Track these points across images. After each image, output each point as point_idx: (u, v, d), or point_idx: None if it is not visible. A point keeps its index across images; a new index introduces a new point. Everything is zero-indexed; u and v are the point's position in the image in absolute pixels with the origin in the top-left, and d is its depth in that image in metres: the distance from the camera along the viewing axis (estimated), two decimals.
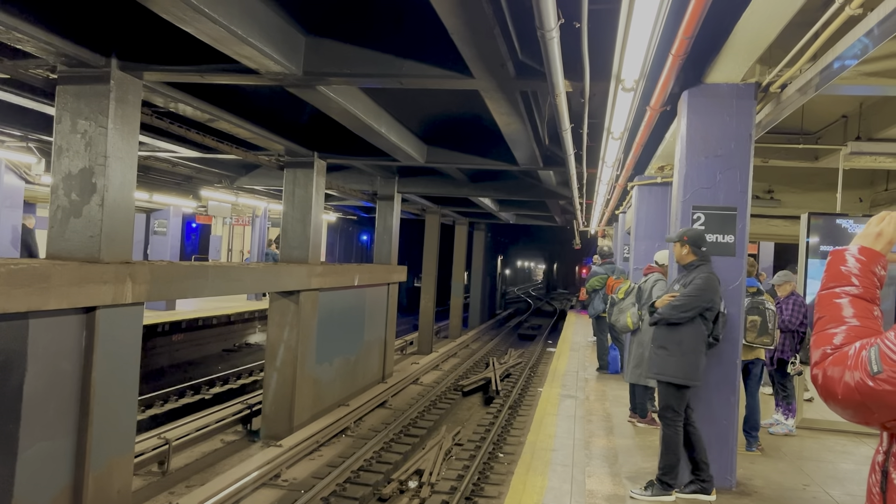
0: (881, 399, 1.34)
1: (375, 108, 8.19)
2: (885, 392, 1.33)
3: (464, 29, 4.71)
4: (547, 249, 59.85)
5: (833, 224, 7.32)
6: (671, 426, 4.99)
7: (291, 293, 10.03)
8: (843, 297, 1.56)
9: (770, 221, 11.88)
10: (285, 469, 8.74)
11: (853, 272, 1.58)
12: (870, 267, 1.59)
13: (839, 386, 1.41)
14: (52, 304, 5.22)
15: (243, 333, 17.99)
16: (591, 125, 7.12)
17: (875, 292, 1.57)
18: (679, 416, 4.98)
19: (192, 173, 14.50)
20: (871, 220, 1.68)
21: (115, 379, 6.06)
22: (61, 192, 6.03)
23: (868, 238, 1.64)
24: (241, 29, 4.89)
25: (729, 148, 5.31)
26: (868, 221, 1.69)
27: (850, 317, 1.52)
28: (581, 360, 11.70)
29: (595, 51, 4.78)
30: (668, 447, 5.00)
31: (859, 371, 1.37)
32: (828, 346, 1.49)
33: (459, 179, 14.35)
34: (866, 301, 1.55)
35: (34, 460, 5.30)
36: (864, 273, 1.58)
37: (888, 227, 1.63)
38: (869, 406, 1.37)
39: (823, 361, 1.48)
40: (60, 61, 5.86)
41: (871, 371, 1.35)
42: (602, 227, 18.73)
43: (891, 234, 1.62)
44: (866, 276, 1.58)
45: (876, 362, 1.35)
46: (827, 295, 1.59)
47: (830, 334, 1.51)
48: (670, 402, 5.00)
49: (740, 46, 4.63)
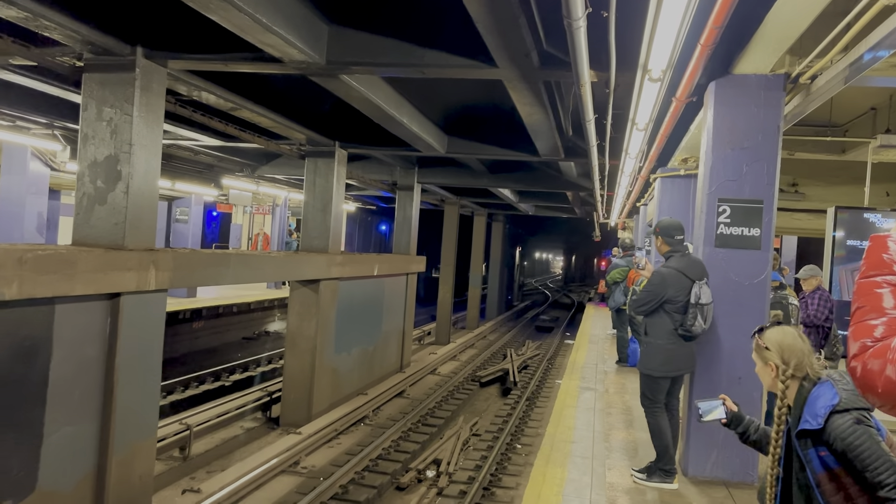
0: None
1: (397, 97, 8.17)
2: None
3: (488, 18, 4.67)
4: (565, 241, 59.60)
5: (860, 218, 7.19)
6: (649, 413, 5.23)
7: (312, 282, 10.07)
8: (884, 286, 1.49)
9: (794, 215, 11.73)
10: (304, 456, 8.81)
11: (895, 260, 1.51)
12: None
13: (879, 379, 1.36)
14: (78, 290, 5.27)
15: (263, 321, 18.12)
16: (615, 116, 7.04)
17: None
18: (654, 403, 5.19)
19: (214, 162, 14.58)
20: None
21: (139, 365, 6.12)
22: (87, 179, 6.09)
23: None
24: (265, 17, 4.89)
25: (756, 140, 5.23)
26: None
27: (891, 308, 1.46)
28: (600, 353, 11.65)
29: (622, 40, 4.71)
30: (653, 433, 5.22)
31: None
32: (868, 338, 1.43)
33: (479, 170, 14.31)
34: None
35: (59, 445, 5.37)
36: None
37: None
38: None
39: (863, 354, 1.42)
40: (87, 49, 5.90)
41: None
42: (622, 219, 18.60)
43: None
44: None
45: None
46: (867, 284, 1.52)
47: (871, 326, 1.45)
48: (644, 391, 5.28)
49: (771, 36, 4.54)
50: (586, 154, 8.66)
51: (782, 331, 2.48)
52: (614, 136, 7.88)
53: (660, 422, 5.13)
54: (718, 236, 5.26)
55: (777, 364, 2.41)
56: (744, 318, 5.16)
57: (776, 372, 2.41)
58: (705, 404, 2.88)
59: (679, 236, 5.21)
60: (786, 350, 2.39)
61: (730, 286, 5.24)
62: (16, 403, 4.98)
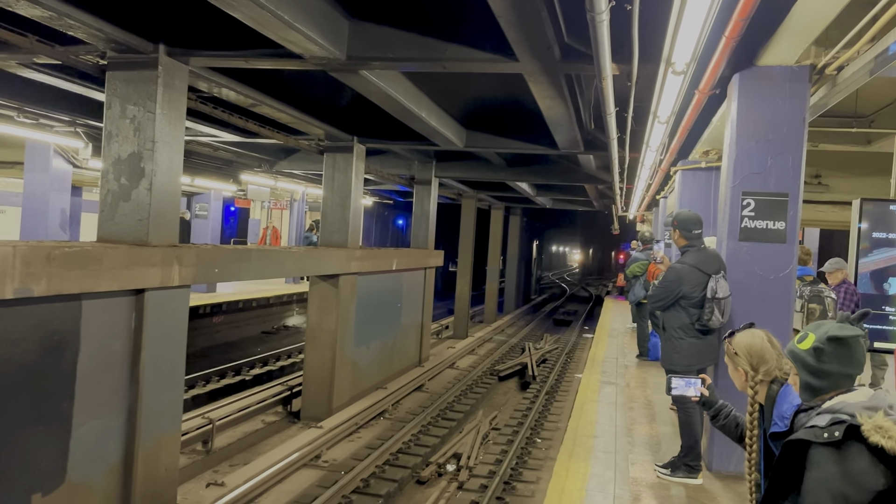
0: None
1: (416, 91, 8.17)
2: None
3: (510, 12, 4.65)
4: (583, 234, 59.41)
5: (886, 210, 7.08)
6: (681, 409, 5.19)
7: (331, 277, 10.11)
8: None
9: (817, 207, 11.61)
10: (325, 450, 8.87)
11: None
12: None
13: None
14: (104, 286, 5.34)
15: (282, 316, 18.23)
16: (636, 108, 7.00)
17: None
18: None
19: (233, 157, 14.67)
20: None
21: (163, 359, 6.19)
22: (111, 176, 6.15)
23: None
24: (287, 14, 4.90)
25: (781, 132, 5.17)
26: None
27: None
28: (620, 347, 11.61)
29: (645, 33, 4.67)
30: (683, 429, 5.19)
31: None
32: None
33: (497, 164, 14.28)
34: None
35: (87, 437, 5.45)
36: None
37: None
38: None
39: None
40: (110, 47, 5.95)
41: None
42: (641, 212, 18.49)
43: None
44: None
45: None
46: None
47: None
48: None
49: (797, 27, 4.49)
50: (606, 147, 8.61)
51: (752, 335, 2.48)
52: (635, 128, 7.83)
53: (691, 416, 5.10)
54: (743, 230, 5.22)
55: (746, 370, 2.42)
56: (768, 313, 5.12)
57: (745, 377, 2.42)
58: (678, 380, 2.89)
59: (697, 231, 5.19)
60: (754, 355, 2.39)
61: (754, 280, 5.20)
62: (45, 396, 5.05)
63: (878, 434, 1.75)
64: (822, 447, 1.84)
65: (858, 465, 1.76)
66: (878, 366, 8.40)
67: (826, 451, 1.83)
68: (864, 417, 1.80)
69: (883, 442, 1.73)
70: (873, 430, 1.76)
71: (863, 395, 1.95)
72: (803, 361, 2.07)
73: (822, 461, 1.82)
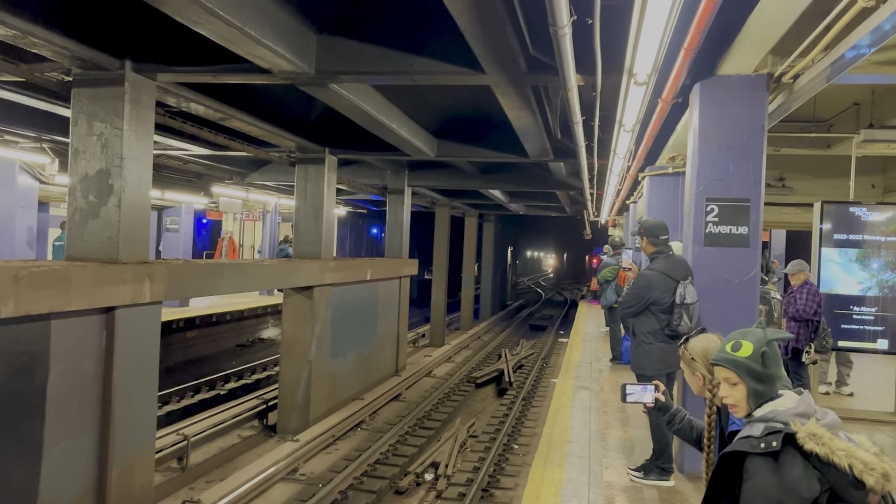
0: None
1: (386, 103, 8.22)
2: None
3: (475, 26, 4.72)
4: (557, 240, 59.79)
5: (846, 212, 7.30)
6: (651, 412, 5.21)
7: (305, 289, 10.10)
8: None
9: (782, 209, 11.85)
10: (302, 463, 8.84)
11: None
12: None
13: None
14: (73, 305, 5.29)
15: (256, 328, 18.11)
16: (603, 117, 7.13)
17: None
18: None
19: (204, 170, 14.58)
20: None
21: (136, 377, 6.15)
22: (79, 193, 6.10)
23: None
24: (254, 30, 4.92)
25: (741, 139, 5.31)
26: None
27: None
28: (594, 351, 11.73)
29: (607, 45, 4.78)
30: (654, 432, 5.25)
31: None
32: None
33: (469, 172, 14.37)
34: None
35: (59, 458, 5.39)
36: None
37: None
38: None
39: None
40: (76, 65, 5.91)
41: None
42: (613, 216, 18.71)
43: None
44: None
45: None
46: None
47: None
48: None
49: (753, 38, 4.63)
50: (575, 155, 8.74)
51: (707, 339, 2.52)
52: (602, 136, 7.96)
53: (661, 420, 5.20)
54: (707, 235, 5.35)
55: (703, 374, 2.46)
56: (734, 316, 5.24)
57: (703, 381, 2.47)
58: (633, 387, 2.94)
59: (664, 236, 5.30)
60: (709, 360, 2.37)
61: (720, 284, 5.33)
62: (15, 418, 4.99)
63: (812, 441, 1.80)
64: (759, 457, 1.87)
65: (794, 474, 1.81)
66: (843, 363, 8.60)
67: (762, 460, 1.86)
68: (797, 425, 1.85)
69: (817, 449, 1.79)
70: (807, 437, 1.81)
71: (791, 401, 2.00)
72: (750, 369, 2.05)
73: (759, 471, 1.85)
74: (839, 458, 1.76)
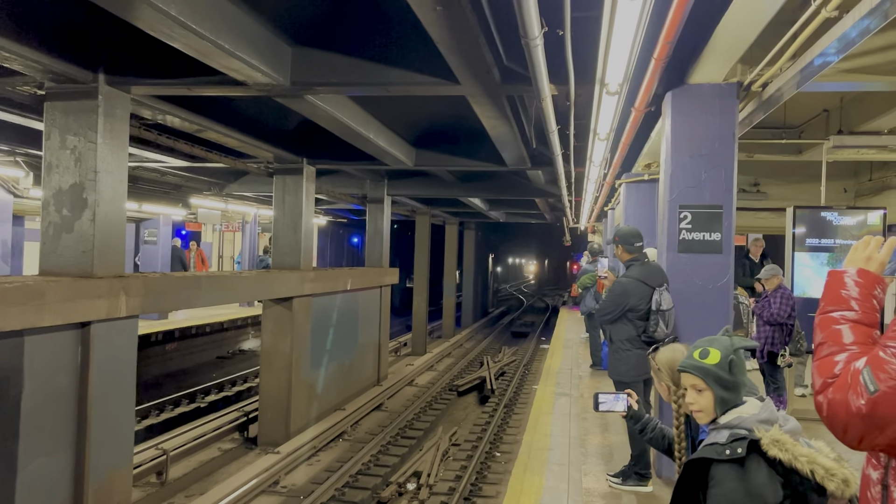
0: (884, 415, 1.34)
1: (363, 114, 8.24)
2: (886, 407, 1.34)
3: (449, 38, 4.76)
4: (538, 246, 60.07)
5: (818, 217, 7.42)
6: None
7: (285, 300, 10.06)
8: (842, 322, 1.54)
9: (757, 214, 12.00)
10: (284, 475, 8.78)
11: (853, 296, 1.57)
12: (869, 290, 1.57)
13: (844, 412, 1.40)
14: (47, 320, 5.24)
15: (237, 340, 17.97)
16: (578, 125, 7.18)
17: (875, 316, 1.55)
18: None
19: (181, 182, 14.48)
20: (855, 246, 1.66)
21: (112, 392, 6.09)
22: (52, 208, 6.05)
23: (859, 262, 1.62)
24: (227, 43, 4.92)
25: (713, 147, 5.39)
26: (853, 247, 1.66)
27: (850, 343, 1.50)
28: (574, 357, 11.78)
29: (579, 56, 4.84)
30: (631, 438, 5.24)
31: (857, 395, 1.38)
32: (829, 377, 1.47)
33: (449, 180, 14.41)
34: (865, 326, 1.53)
35: (34, 476, 5.32)
36: (863, 297, 1.56)
37: (875, 251, 1.62)
38: (874, 427, 1.36)
39: (826, 390, 1.46)
40: (48, 78, 5.87)
41: (869, 392, 1.36)
42: (592, 223, 18.83)
43: (881, 256, 1.61)
44: (866, 300, 1.56)
45: (871, 382, 1.36)
46: (827, 319, 1.58)
47: (832, 362, 1.49)
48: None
49: (721, 48, 4.70)
50: (552, 163, 8.80)
51: (673, 350, 2.56)
52: (578, 144, 8.03)
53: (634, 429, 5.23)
54: (681, 242, 5.40)
55: (668, 384, 2.50)
56: (709, 321, 5.27)
57: (668, 391, 2.50)
58: (605, 396, 2.97)
59: (638, 243, 5.36)
60: (675, 370, 2.42)
61: (694, 290, 5.38)
62: None
63: (776, 448, 1.84)
64: (724, 464, 1.90)
65: (759, 480, 1.84)
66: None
67: (727, 467, 1.89)
68: (761, 432, 1.89)
69: (781, 455, 1.82)
70: (771, 444, 1.85)
71: (754, 408, 2.04)
72: (717, 377, 2.08)
73: (725, 478, 1.88)
74: (801, 465, 1.79)
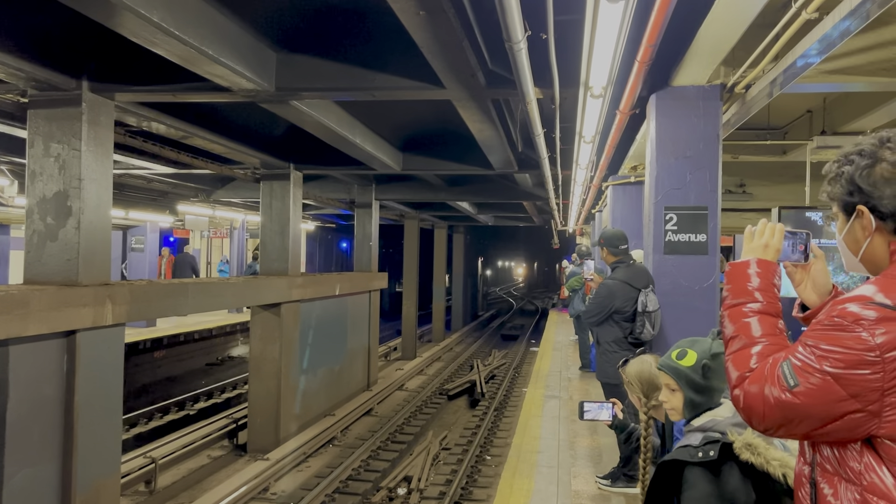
0: (802, 411, 1.35)
1: (350, 119, 8.23)
2: (804, 404, 1.35)
3: (433, 43, 4.77)
4: (527, 249, 60.19)
5: (803, 217, 7.46)
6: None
7: (273, 306, 10.02)
8: (750, 315, 1.55)
9: (743, 215, 12.09)
10: (273, 482, 8.74)
11: (756, 287, 1.58)
12: (770, 280, 1.59)
13: (761, 404, 1.41)
14: (32, 329, 5.19)
15: (225, 346, 17.87)
16: (564, 128, 7.22)
17: (778, 306, 1.57)
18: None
19: (168, 189, 14.42)
20: (749, 232, 1.66)
21: (99, 401, 6.04)
22: (36, 216, 6.00)
23: (757, 251, 1.63)
24: (211, 49, 4.91)
25: (698, 149, 5.43)
26: (748, 234, 1.66)
27: (759, 336, 1.51)
28: (564, 360, 11.80)
29: (563, 59, 4.87)
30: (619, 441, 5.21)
31: (777, 387, 1.38)
32: (745, 370, 1.48)
33: (437, 184, 14.42)
34: (771, 316, 1.55)
35: (20, 487, 5.26)
36: (765, 287, 1.57)
37: (770, 238, 1.63)
38: (792, 420, 1.38)
39: (742, 383, 1.46)
40: (31, 86, 5.83)
41: (789, 385, 1.36)
42: (579, 225, 18.89)
43: (775, 242, 1.63)
44: (768, 290, 1.57)
45: (791, 376, 1.36)
46: (736, 312, 1.57)
47: (747, 355, 1.49)
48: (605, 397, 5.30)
49: (704, 50, 4.74)
50: (539, 166, 8.84)
51: (641, 362, 2.58)
52: (564, 147, 8.06)
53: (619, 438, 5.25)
54: (667, 243, 5.44)
55: (639, 396, 2.51)
56: (696, 322, 5.32)
57: (639, 403, 2.52)
58: (591, 405, 2.98)
59: (623, 246, 5.38)
60: (644, 382, 2.46)
61: (680, 291, 5.41)
62: None
63: (748, 451, 1.85)
64: (696, 467, 1.91)
65: (731, 483, 1.85)
66: None
67: (700, 470, 1.90)
68: (734, 435, 1.90)
69: (752, 459, 1.83)
70: (743, 447, 1.86)
71: (728, 411, 2.05)
72: (689, 379, 2.10)
73: (697, 481, 1.89)
74: (774, 468, 1.80)
